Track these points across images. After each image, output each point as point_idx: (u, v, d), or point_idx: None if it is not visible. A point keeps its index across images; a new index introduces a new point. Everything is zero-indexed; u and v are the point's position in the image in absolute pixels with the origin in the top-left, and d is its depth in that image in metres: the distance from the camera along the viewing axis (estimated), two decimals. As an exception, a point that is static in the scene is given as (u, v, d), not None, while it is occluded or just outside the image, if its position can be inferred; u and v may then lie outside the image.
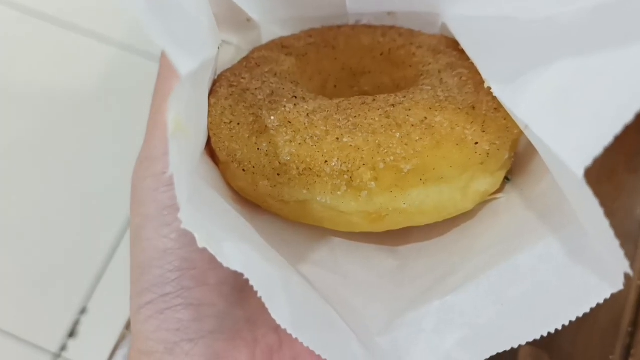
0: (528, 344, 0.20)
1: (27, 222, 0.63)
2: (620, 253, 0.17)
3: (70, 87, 0.68)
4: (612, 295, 0.19)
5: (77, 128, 0.67)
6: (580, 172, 0.16)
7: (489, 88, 0.22)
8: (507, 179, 0.26)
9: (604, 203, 0.17)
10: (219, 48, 0.24)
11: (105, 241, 0.62)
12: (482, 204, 0.25)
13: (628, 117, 0.16)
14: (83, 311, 0.59)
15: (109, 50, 0.69)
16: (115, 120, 0.67)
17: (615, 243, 0.17)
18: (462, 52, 0.26)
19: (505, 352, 0.21)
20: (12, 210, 0.63)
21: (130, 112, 0.66)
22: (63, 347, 0.58)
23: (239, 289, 0.23)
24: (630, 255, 0.37)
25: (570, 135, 0.17)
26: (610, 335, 0.36)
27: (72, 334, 0.59)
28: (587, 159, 0.16)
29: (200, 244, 0.17)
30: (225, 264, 0.18)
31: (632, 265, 0.37)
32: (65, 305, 0.60)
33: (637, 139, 0.40)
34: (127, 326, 0.41)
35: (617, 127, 0.16)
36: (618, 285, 0.18)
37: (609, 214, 0.36)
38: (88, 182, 0.64)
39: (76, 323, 0.59)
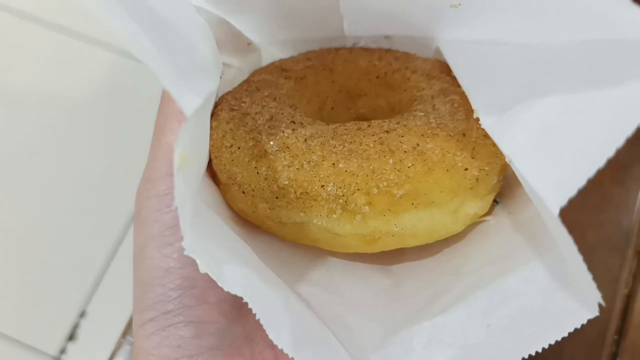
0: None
1: (27, 226, 0.63)
2: (593, 286, 0.18)
3: (70, 93, 0.69)
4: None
5: (77, 133, 0.67)
6: (556, 212, 0.17)
7: (478, 119, 0.23)
8: (496, 201, 0.27)
9: (591, 214, 0.18)
10: (221, 77, 0.25)
11: (104, 245, 0.63)
12: (472, 225, 0.26)
13: (602, 162, 0.17)
14: (82, 315, 0.60)
15: (108, 56, 0.70)
16: (114, 126, 0.68)
17: (589, 277, 0.18)
18: (455, 77, 0.27)
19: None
20: (11, 214, 0.64)
21: (129, 117, 0.67)
22: (62, 350, 0.59)
23: (238, 306, 0.24)
24: (617, 265, 0.38)
25: (549, 175, 0.18)
26: (597, 343, 0.36)
27: (71, 337, 0.59)
28: (563, 200, 0.17)
29: (202, 269, 0.18)
30: (225, 289, 0.19)
31: (618, 275, 0.38)
32: (65, 309, 0.60)
33: (624, 151, 0.41)
34: (125, 333, 0.42)
35: (591, 171, 0.17)
36: (594, 312, 0.19)
37: (597, 224, 0.37)
38: (88, 186, 0.65)
39: (75, 326, 0.60)
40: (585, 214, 0.41)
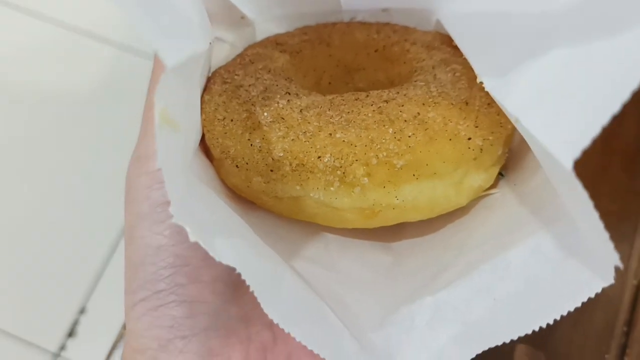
0: (524, 343, 0.20)
1: (26, 221, 0.63)
2: (610, 245, 0.17)
3: (69, 88, 0.68)
4: (607, 295, 0.19)
5: (76, 128, 0.67)
6: (569, 165, 0.16)
7: (481, 83, 0.22)
8: (501, 174, 0.26)
9: (599, 203, 0.17)
10: (210, 44, 0.24)
11: (104, 241, 0.62)
12: (477, 199, 0.25)
13: (615, 108, 0.16)
14: (82, 311, 0.59)
15: (107, 50, 0.70)
16: (114, 121, 0.67)
17: (605, 235, 0.17)
18: (456, 48, 0.26)
19: (501, 351, 0.20)
20: (10, 209, 0.63)
21: (129, 113, 0.66)
22: (62, 347, 0.58)
23: (233, 286, 0.23)
24: (626, 255, 0.37)
25: (558, 128, 0.17)
26: (606, 334, 0.36)
27: (71, 333, 0.59)
28: (576, 152, 0.16)
29: (192, 237, 0.17)
30: (217, 258, 0.18)
31: (627, 265, 0.37)
32: (65, 305, 0.59)
33: (634, 139, 0.40)
34: (125, 326, 0.41)
35: (604, 118, 0.16)
36: (609, 279, 0.18)
37: (605, 213, 0.37)
38: (87, 182, 0.64)
39: (75, 323, 0.59)
40: (593, 203, 0.40)
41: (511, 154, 0.26)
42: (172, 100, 0.18)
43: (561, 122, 0.17)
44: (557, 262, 0.20)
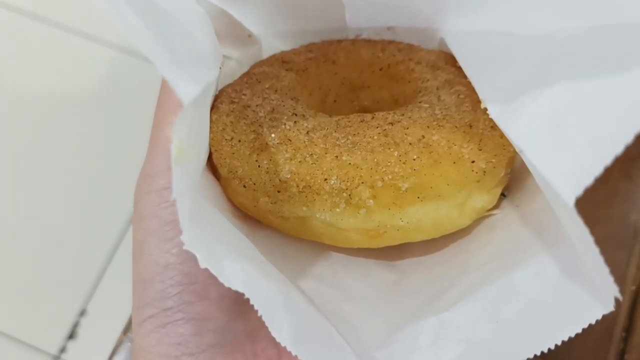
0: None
1: (28, 224, 0.63)
2: (610, 279, 0.17)
3: (71, 89, 0.69)
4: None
5: (77, 130, 0.67)
6: (571, 202, 0.16)
7: (486, 109, 0.22)
8: (503, 195, 0.26)
9: (598, 209, 0.17)
10: (220, 68, 0.24)
11: (104, 243, 0.62)
12: (479, 220, 0.25)
13: (619, 149, 0.16)
14: (82, 313, 0.60)
15: (108, 52, 0.70)
16: (115, 123, 0.67)
17: (605, 270, 0.17)
18: (460, 68, 0.26)
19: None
20: (12, 212, 0.64)
21: (129, 114, 0.66)
22: (62, 349, 0.59)
23: (239, 302, 0.24)
24: (624, 261, 0.37)
25: (563, 163, 0.18)
26: (605, 340, 0.36)
27: (71, 335, 0.59)
28: (579, 189, 0.16)
29: (202, 264, 0.18)
30: (226, 284, 0.18)
31: (625, 271, 0.37)
32: (65, 308, 0.60)
33: (632, 145, 0.40)
34: (125, 331, 0.41)
35: (608, 158, 0.16)
36: (609, 307, 0.19)
37: (604, 220, 0.37)
38: (88, 185, 0.65)
39: (76, 325, 0.59)
40: (592, 209, 0.40)
41: (513, 175, 0.26)
42: (186, 132, 0.18)
43: (565, 157, 0.18)
44: (560, 287, 0.20)
